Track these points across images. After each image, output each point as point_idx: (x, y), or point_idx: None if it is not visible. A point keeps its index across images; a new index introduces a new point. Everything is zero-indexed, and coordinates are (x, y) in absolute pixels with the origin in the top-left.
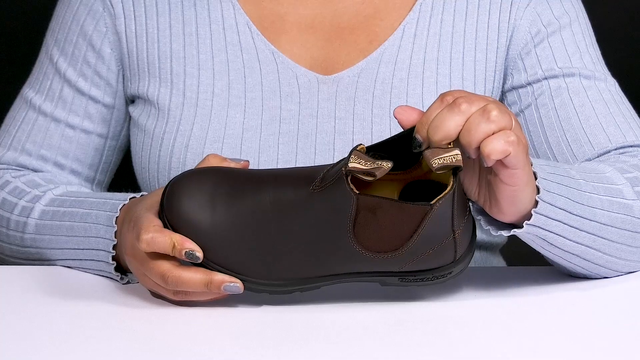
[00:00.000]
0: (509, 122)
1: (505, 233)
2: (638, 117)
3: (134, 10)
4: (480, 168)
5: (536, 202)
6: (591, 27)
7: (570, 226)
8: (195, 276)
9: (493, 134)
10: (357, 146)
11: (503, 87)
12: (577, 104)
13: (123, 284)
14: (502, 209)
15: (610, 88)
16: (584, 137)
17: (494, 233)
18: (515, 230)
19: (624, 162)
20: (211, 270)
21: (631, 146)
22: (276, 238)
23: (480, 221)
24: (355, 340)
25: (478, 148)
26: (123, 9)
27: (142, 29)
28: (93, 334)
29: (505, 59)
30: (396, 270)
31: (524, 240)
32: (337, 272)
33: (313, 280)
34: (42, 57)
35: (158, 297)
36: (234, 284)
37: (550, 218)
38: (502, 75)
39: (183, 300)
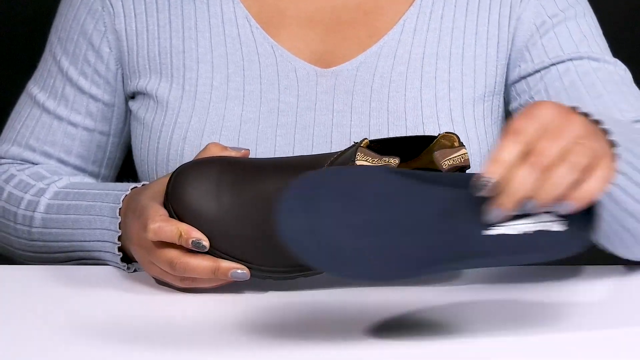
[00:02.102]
0: (590, 156)
1: None
2: None
3: (134, 8)
4: None
5: None
6: (598, 24)
7: (633, 182)
8: (202, 263)
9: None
10: (361, 141)
11: (509, 79)
12: (587, 83)
13: (130, 272)
14: None
15: (619, 72)
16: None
17: None
18: None
19: None
20: (217, 257)
21: None
22: None
23: None
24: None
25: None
26: (123, 7)
27: (143, 26)
28: (93, 334)
29: (511, 52)
30: None
31: None
32: None
33: None
34: (47, 54)
35: (163, 284)
36: (241, 271)
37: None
38: (504, 70)
39: (189, 287)
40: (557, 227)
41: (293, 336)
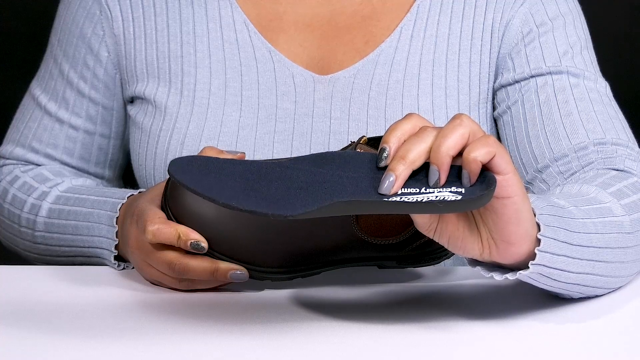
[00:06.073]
0: (479, 130)
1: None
2: (625, 120)
3: (131, 12)
4: (475, 218)
5: (538, 241)
6: (589, 35)
7: (573, 258)
8: (201, 264)
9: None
10: (360, 139)
11: (493, 86)
12: (560, 100)
13: (119, 269)
14: (509, 237)
15: (599, 89)
16: (563, 131)
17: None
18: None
19: (603, 175)
20: (216, 259)
21: (610, 143)
22: (279, 226)
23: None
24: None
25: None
26: (120, 11)
27: (141, 31)
28: (94, 334)
29: (497, 58)
30: (395, 255)
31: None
32: (338, 257)
33: (314, 266)
34: (48, 55)
35: (157, 285)
36: (240, 272)
37: (554, 254)
38: (494, 76)
39: (187, 289)
40: (451, 197)
41: (291, 336)
